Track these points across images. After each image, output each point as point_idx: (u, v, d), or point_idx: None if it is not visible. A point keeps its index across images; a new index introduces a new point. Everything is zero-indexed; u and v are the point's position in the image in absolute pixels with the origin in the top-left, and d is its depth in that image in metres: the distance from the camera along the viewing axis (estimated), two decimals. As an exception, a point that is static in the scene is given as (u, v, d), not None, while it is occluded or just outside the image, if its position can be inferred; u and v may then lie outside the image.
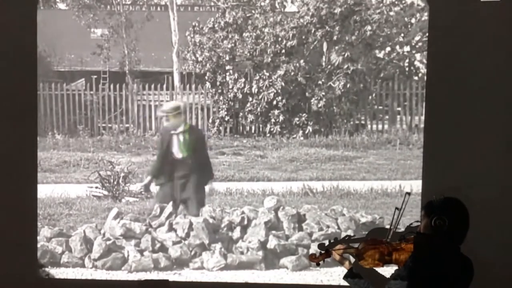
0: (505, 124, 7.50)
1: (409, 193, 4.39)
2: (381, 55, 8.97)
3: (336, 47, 8.86)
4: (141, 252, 8.39)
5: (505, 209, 7.41)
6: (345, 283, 4.48)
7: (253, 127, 9.17)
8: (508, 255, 7.32)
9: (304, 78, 8.92)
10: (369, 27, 8.75)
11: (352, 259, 4.42)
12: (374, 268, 4.30)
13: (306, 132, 8.96)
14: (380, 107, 9.14)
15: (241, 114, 9.14)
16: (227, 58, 9.08)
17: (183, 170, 8.56)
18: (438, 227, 3.93)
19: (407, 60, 9.01)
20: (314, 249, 7.95)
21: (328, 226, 8.37)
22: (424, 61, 8.60)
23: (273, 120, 9.01)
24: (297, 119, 8.98)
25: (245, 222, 8.43)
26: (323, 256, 4.47)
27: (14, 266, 7.78)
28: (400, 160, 8.77)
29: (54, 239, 8.45)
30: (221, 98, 9.14)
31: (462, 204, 4.00)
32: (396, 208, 4.35)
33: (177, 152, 8.56)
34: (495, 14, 7.41)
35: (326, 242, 4.52)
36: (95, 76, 9.15)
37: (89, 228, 8.48)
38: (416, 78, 8.96)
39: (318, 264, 4.54)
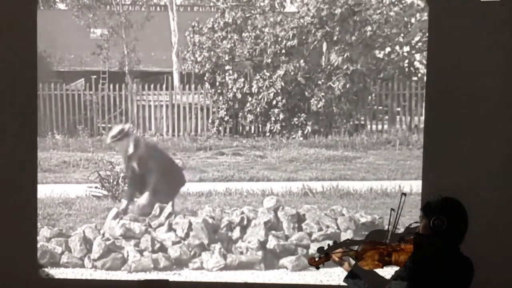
0: (505, 124, 7.50)
1: (404, 194, 4.39)
2: (380, 55, 8.97)
3: (336, 48, 8.86)
4: (140, 252, 8.39)
5: (505, 208, 7.42)
6: (345, 284, 4.48)
7: (252, 127, 9.17)
8: (508, 255, 7.32)
9: (303, 78, 8.92)
10: (369, 28, 8.75)
11: (352, 262, 4.42)
12: (374, 269, 4.30)
13: (305, 132, 8.96)
14: (380, 107, 9.14)
15: (240, 114, 9.14)
16: (227, 58, 9.08)
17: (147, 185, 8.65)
18: (437, 227, 3.92)
19: (406, 61, 9.01)
20: (313, 249, 8.01)
21: (327, 226, 8.37)
22: (424, 61, 8.60)
23: (273, 119, 9.01)
24: (296, 119, 8.97)
25: (245, 222, 8.43)
26: (322, 259, 4.47)
27: (14, 266, 7.78)
28: (399, 160, 8.77)
29: (53, 239, 8.46)
30: (220, 98, 9.13)
31: (460, 204, 4.00)
32: (392, 209, 4.35)
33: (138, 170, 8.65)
34: (495, 14, 7.41)
35: (325, 246, 4.52)
36: (95, 76, 9.15)
37: (88, 228, 8.49)
38: (415, 78, 8.96)
39: (317, 268, 4.54)
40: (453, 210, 3.97)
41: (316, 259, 4.49)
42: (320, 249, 4.50)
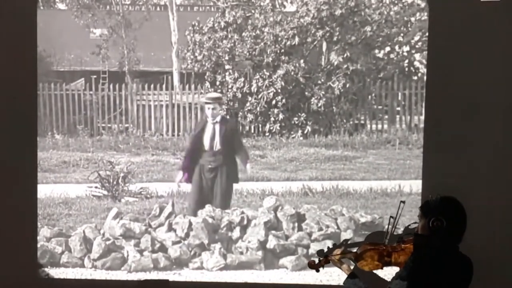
0: (505, 124, 7.51)
1: (403, 202, 4.38)
2: (380, 55, 8.96)
3: (336, 47, 8.85)
4: (140, 252, 8.40)
5: (504, 208, 7.42)
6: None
7: (252, 127, 9.16)
8: (508, 255, 7.33)
9: (303, 78, 8.91)
10: (368, 28, 8.74)
11: (352, 264, 4.41)
12: (374, 270, 4.30)
13: (305, 132, 8.96)
14: (380, 107, 9.13)
15: (240, 113, 9.13)
16: (227, 57, 9.07)
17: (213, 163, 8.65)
18: (436, 228, 3.92)
19: (406, 60, 9.00)
20: (313, 249, 8.02)
21: (327, 226, 8.37)
22: (424, 61, 8.60)
23: (272, 119, 9.01)
24: (296, 118, 8.97)
25: (245, 222, 8.44)
26: (322, 262, 4.47)
27: (14, 266, 7.79)
28: (399, 160, 8.76)
29: (53, 239, 8.46)
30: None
31: (459, 203, 4.00)
32: (391, 217, 4.34)
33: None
34: (495, 14, 7.42)
35: (326, 246, 4.52)
36: (95, 76, 9.14)
37: (88, 228, 8.49)
38: (415, 78, 8.96)
39: (317, 271, 4.53)
40: (452, 210, 3.97)
41: (316, 262, 4.48)
42: (320, 252, 4.50)
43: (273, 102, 9.00)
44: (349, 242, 4.54)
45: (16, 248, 7.87)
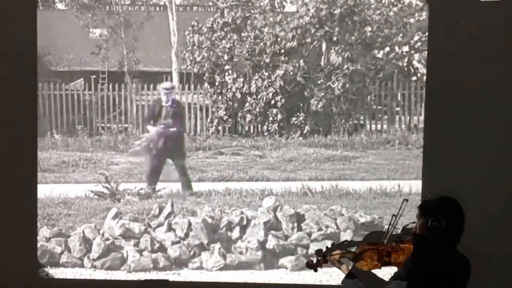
0: (504, 124, 7.51)
1: (406, 200, 4.37)
2: (380, 55, 8.96)
3: (336, 47, 8.86)
4: (140, 252, 8.40)
5: (504, 208, 7.42)
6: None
7: (251, 127, 9.17)
8: (506, 255, 7.33)
9: (303, 78, 8.92)
10: (368, 28, 8.75)
11: (350, 264, 4.40)
12: (373, 270, 4.29)
13: (305, 132, 8.96)
14: (379, 107, 9.14)
15: (239, 114, 9.14)
16: (226, 58, 9.08)
17: None
18: (435, 228, 3.93)
19: (406, 60, 9.01)
20: (313, 249, 8.01)
21: (327, 226, 8.37)
22: (423, 61, 8.60)
23: (271, 119, 9.01)
24: (295, 118, 8.97)
25: (244, 222, 8.44)
26: (320, 262, 4.45)
27: (14, 266, 7.79)
28: (399, 160, 8.77)
29: (53, 239, 8.46)
30: (219, 98, 9.13)
31: (457, 203, 4.00)
32: (394, 215, 4.34)
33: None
34: (495, 14, 7.42)
35: (325, 246, 4.51)
36: (94, 76, 9.14)
37: (88, 228, 8.49)
38: (415, 78, 8.96)
39: (315, 270, 4.52)
40: (451, 210, 3.98)
41: (314, 262, 4.47)
42: (318, 252, 4.49)
43: (272, 102, 9.00)
44: (348, 242, 4.53)
45: (16, 248, 7.87)
